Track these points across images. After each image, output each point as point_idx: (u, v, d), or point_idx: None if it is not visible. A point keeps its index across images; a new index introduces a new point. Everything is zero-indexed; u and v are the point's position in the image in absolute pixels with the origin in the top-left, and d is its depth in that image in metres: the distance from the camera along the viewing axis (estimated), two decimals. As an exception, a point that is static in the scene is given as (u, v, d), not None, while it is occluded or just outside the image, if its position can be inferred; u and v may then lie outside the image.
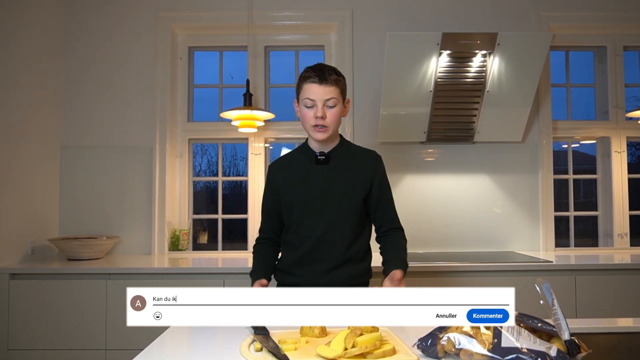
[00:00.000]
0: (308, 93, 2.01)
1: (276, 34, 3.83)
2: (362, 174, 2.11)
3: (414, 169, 3.67)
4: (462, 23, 3.68)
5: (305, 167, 2.14)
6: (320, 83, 1.99)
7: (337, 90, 2.03)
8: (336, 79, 2.03)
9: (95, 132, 3.65)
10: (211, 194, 3.98)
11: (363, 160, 2.15)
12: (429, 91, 3.36)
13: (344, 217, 2.09)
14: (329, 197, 2.08)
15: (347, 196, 2.09)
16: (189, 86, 3.87)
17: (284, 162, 2.24)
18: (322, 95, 2.00)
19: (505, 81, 3.34)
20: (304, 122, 2.08)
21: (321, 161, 2.12)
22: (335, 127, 2.07)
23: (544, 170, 3.65)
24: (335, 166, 2.12)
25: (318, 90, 1.99)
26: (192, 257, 3.57)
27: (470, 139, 3.58)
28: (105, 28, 3.69)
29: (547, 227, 3.64)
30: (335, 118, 2.04)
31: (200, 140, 3.91)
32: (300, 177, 2.13)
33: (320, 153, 2.12)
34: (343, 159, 2.13)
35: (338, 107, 2.04)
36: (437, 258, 3.23)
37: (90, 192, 3.62)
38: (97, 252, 3.32)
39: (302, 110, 2.06)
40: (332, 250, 2.08)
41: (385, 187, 2.18)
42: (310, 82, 2.01)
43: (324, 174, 2.11)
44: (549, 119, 3.69)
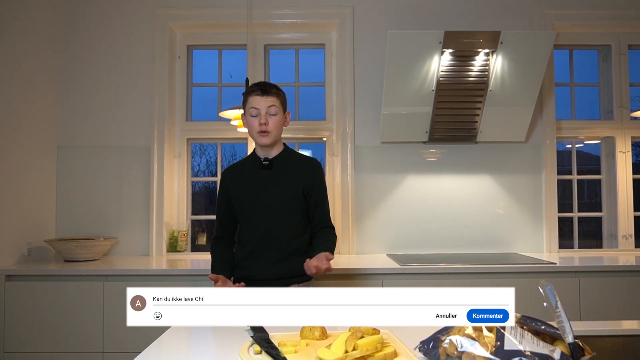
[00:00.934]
0: (253, 103, 2.34)
1: (276, 32, 3.83)
2: (302, 178, 2.42)
3: (415, 169, 3.67)
4: (465, 21, 3.68)
5: (252, 172, 2.45)
6: (263, 94, 2.33)
7: (278, 100, 2.37)
8: (276, 92, 2.38)
9: (92, 131, 3.65)
10: (210, 194, 3.99)
11: (303, 166, 2.46)
12: (431, 90, 3.36)
13: (286, 215, 2.39)
14: (272, 198, 2.38)
15: (288, 197, 2.39)
16: (187, 85, 3.88)
17: (234, 169, 2.53)
18: (265, 104, 2.33)
19: (509, 80, 3.35)
20: (250, 131, 2.39)
21: (266, 166, 2.43)
22: (277, 133, 2.38)
23: (547, 170, 3.65)
24: (278, 171, 2.43)
25: (261, 100, 2.33)
26: (191, 258, 3.57)
27: (473, 138, 3.58)
28: (102, 26, 3.69)
29: (551, 228, 3.64)
30: (276, 125, 2.36)
31: (198, 140, 3.91)
32: (248, 181, 2.43)
33: (264, 159, 2.44)
34: (285, 165, 2.44)
35: (279, 115, 2.37)
36: (439, 259, 3.23)
37: (87, 192, 3.62)
38: (94, 254, 3.31)
39: (248, 120, 2.37)
40: (276, 245, 2.36)
41: (321, 191, 2.48)
42: (255, 94, 2.34)
43: (268, 178, 2.41)
44: (552, 119, 3.69)
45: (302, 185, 2.42)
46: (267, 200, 2.38)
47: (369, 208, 3.62)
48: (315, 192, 2.45)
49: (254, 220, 2.40)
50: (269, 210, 2.38)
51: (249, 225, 2.42)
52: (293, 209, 2.41)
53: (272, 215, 2.38)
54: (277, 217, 2.38)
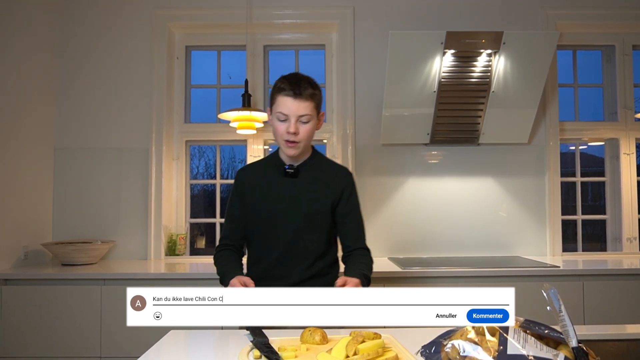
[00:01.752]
0: (281, 107, 1.98)
1: (275, 32, 3.82)
2: (330, 189, 2.11)
3: (417, 171, 3.66)
4: (467, 21, 3.67)
5: (273, 177, 2.13)
6: (295, 97, 1.96)
7: (312, 105, 2.00)
8: (312, 93, 2.00)
9: (89, 133, 3.65)
10: (209, 197, 3.99)
11: (333, 176, 2.15)
12: (432, 91, 3.36)
13: (309, 233, 2.08)
14: (294, 210, 2.06)
15: (313, 212, 2.07)
16: (186, 86, 3.87)
17: (253, 169, 2.22)
18: (296, 111, 1.97)
19: (511, 81, 3.34)
20: (276, 135, 2.06)
21: (290, 174, 2.11)
22: (307, 142, 2.06)
23: (550, 172, 3.65)
24: (304, 180, 2.11)
25: (292, 105, 1.97)
26: (190, 262, 3.57)
27: (475, 140, 3.58)
28: (100, 27, 3.69)
29: (554, 231, 3.63)
30: (308, 134, 2.02)
31: (197, 142, 3.91)
32: (266, 188, 2.11)
33: (289, 166, 2.12)
34: (313, 173, 2.13)
35: (312, 122, 2.02)
36: (440, 263, 3.23)
37: (85, 195, 3.62)
38: (92, 257, 3.30)
39: (275, 122, 2.03)
40: (296, 267, 2.06)
41: (353, 205, 2.15)
42: (284, 94, 1.98)
43: (291, 187, 2.10)
44: (556, 120, 3.69)
45: (331, 198, 2.10)
46: (288, 215, 2.06)
47: (369, 211, 3.58)
48: (344, 206, 2.12)
49: (271, 237, 2.09)
50: (289, 227, 2.06)
51: (263, 240, 2.11)
52: (317, 225, 2.10)
53: (293, 233, 2.06)
54: (298, 235, 2.06)
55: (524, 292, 2.68)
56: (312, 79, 2.05)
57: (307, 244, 2.07)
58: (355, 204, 2.17)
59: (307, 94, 1.98)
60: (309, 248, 2.08)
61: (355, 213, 2.16)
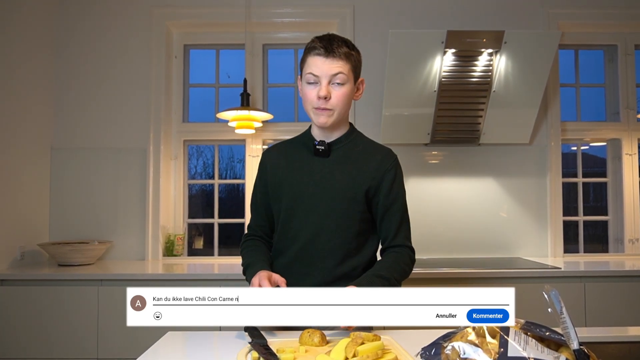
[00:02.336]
0: (312, 67, 1.72)
1: (275, 31, 3.82)
2: (368, 173, 1.79)
3: (417, 171, 3.66)
4: (468, 20, 3.67)
5: (302, 157, 1.86)
6: (327, 56, 1.69)
7: (348, 65, 1.72)
8: (347, 52, 1.72)
9: (87, 133, 3.65)
10: (207, 197, 3.97)
11: (373, 157, 1.83)
12: (433, 91, 3.36)
13: (338, 224, 1.79)
14: (322, 196, 1.78)
15: (344, 198, 1.78)
16: (184, 86, 3.87)
17: (279, 149, 1.96)
18: (328, 70, 1.69)
19: (512, 81, 3.34)
20: (305, 103, 1.79)
21: (320, 152, 1.82)
22: (342, 110, 1.76)
23: (552, 173, 3.65)
24: (337, 160, 1.82)
25: (323, 64, 1.69)
26: (188, 262, 3.57)
27: (476, 140, 3.57)
28: (98, 25, 3.68)
29: (556, 233, 3.63)
30: (343, 99, 1.73)
31: (195, 141, 3.91)
32: (292, 170, 1.85)
33: (319, 142, 1.83)
34: (348, 152, 1.83)
35: (347, 86, 1.73)
36: (441, 264, 3.22)
37: (82, 195, 3.61)
38: (89, 258, 3.30)
39: (304, 88, 1.76)
40: (320, 263, 1.79)
41: (396, 194, 1.83)
42: (315, 54, 1.71)
43: (321, 168, 1.81)
44: (557, 120, 3.69)
45: (367, 184, 1.78)
46: (313, 201, 1.79)
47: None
48: (387, 193, 1.80)
49: (293, 225, 1.82)
50: (315, 214, 1.79)
51: (286, 231, 1.85)
52: (349, 215, 1.78)
53: (319, 222, 1.78)
54: (325, 224, 1.78)
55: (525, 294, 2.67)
56: (348, 40, 1.78)
57: (333, 237, 1.78)
58: (400, 194, 1.85)
59: (341, 52, 1.71)
60: (337, 242, 1.79)
61: (399, 206, 1.84)
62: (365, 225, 1.84)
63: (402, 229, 1.86)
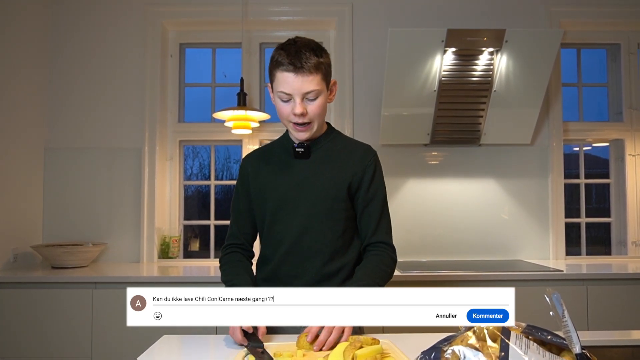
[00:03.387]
0: (282, 85, 1.70)
1: (272, 30, 3.81)
2: (349, 169, 1.83)
3: (417, 172, 3.67)
4: (468, 19, 3.67)
5: (281, 160, 1.87)
6: (296, 72, 1.67)
7: (319, 77, 1.71)
8: (316, 63, 1.70)
9: (81, 133, 3.65)
10: (203, 198, 3.97)
11: (353, 153, 1.87)
12: (432, 91, 3.36)
13: (323, 223, 1.80)
14: (305, 197, 1.80)
15: (327, 198, 1.80)
16: (179, 85, 3.87)
17: (259, 155, 1.97)
18: (300, 88, 1.68)
19: (514, 80, 3.34)
20: (281, 117, 1.80)
21: (300, 154, 1.84)
22: (320, 119, 1.80)
23: (553, 174, 3.65)
24: (317, 161, 1.84)
25: (294, 81, 1.68)
26: (183, 265, 3.57)
27: (477, 141, 3.58)
28: (92, 24, 3.68)
29: (557, 235, 3.63)
30: (319, 111, 1.75)
31: (191, 142, 3.91)
32: (273, 173, 1.86)
33: (298, 144, 1.84)
34: (328, 152, 1.86)
35: (322, 97, 1.74)
36: (441, 266, 3.23)
37: (76, 196, 3.61)
38: (83, 260, 3.30)
39: (277, 103, 1.76)
40: (308, 264, 1.80)
41: (376, 189, 1.85)
42: (283, 70, 1.69)
43: (302, 170, 1.83)
44: (559, 120, 3.69)
45: (348, 181, 1.81)
46: (296, 202, 1.80)
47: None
48: (365, 190, 1.83)
49: (278, 229, 1.83)
50: (299, 216, 1.80)
51: (271, 234, 1.86)
52: (333, 214, 1.81)
53: (304, 223, 1.80)
54: (310, 225, 1.80)
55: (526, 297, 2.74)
56: (314, 44, 1.76)
57: (319, 237, 1.80)
58: (380, 189, 1.87)
59: (310, 65, 1.68)
60: (323, 241, 1.80)
61: (378, 200, 1.85)
62: (351, 223, 1.86)
63: (382, 225, 1.87)
